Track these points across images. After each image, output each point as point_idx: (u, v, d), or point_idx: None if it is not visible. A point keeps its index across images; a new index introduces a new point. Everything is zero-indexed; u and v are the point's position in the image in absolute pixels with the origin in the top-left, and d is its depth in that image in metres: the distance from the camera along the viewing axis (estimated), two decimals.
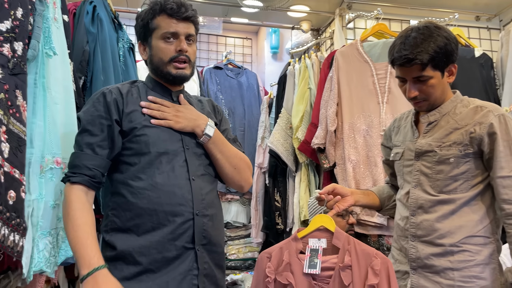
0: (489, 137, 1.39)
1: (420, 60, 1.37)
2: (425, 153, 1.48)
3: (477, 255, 1.40)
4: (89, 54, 2.20)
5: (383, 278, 1.33)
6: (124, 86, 1.42)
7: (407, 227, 1.50)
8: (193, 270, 1.32)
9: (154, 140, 1.34)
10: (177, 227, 1.30)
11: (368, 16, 2.75)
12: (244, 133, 3.63)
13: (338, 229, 1.43)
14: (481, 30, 3.17)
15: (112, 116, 1.33)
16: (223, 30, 4.24)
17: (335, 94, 2.41)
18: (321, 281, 1.39)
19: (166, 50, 1.37)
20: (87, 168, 1.28)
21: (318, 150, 2.45)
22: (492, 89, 2.57)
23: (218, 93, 3.68)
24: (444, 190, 1.44)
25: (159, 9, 1.37)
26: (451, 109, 1.48)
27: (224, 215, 3.57)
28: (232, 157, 1.45)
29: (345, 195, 1.56)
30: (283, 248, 1.43)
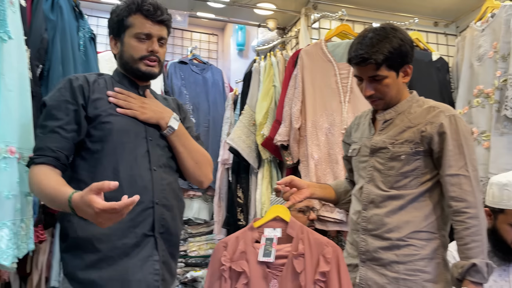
0: (439, 136, 1.45)
1: (374, 59, 1.42)
2: (379, 150, 1.53)
3: (421, 249, 1.46)
4: (47, 42, 2.13)
5: (333, 265, 1.39)
6: (91, 75, 1.44)
7: (359, 221, 1.55)
8: (153, 256, 1.35)
9: (118, 128, 1.36)
10: (137, 214, 1.32)
11: (333, 17, 2.80)
12: (208, 129, 3.60)
13: (292, 219, 1.48)
14: (439, 35, 3.30)
15: (78, 100, 1.34)
16: (189, 25, 4.20)
17: (299, 92, 2.45)
18: (275, 269, 1.44)
19: (138, 49, 1.41)
20: (50, 150, 1.28)
21: (281, 147, 2.47)
22: (447, 92, 2.69)
23: (182, 88, 3.64)
24: (395, 186, 1.49)
25: (135, 8, 1.40)
26: (407, 108, 1.53)
27: (186, 211, 3.53)
28: (194, 152, 1.48)
29: (302, 187, 1.60)
30: (239, 238, 1.47)
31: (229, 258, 1.43)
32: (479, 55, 2.46)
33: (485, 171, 2.28)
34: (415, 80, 2.57)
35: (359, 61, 1.45)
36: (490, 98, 2.34)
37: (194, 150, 1.48)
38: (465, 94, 2.49)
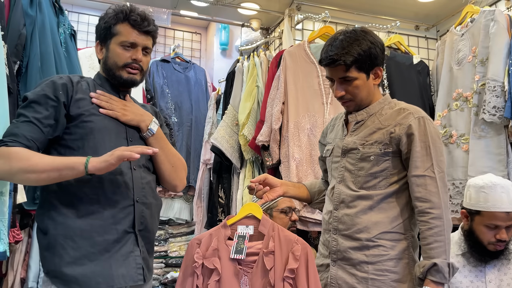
0: (407, 138, 1.47)
1: (343, 61, 1.45)
2: (350, 151, 1.55)
3: (390, 250, 1.48)
4: (25, 38, 2.08)
5: (302, 262, 1.41)
6: (75, 77, 1.48)
7: (331, 221, 1.56)
8: (134, 251, 1.39)
9: (99, 128, 1.39)
10: (118, 211, 1.37)
11: (316, 18, 2.81)
12: (191, 129, 3.58)
13: (264, 216, 1.50)
14: (420, 39, 3.35)
15: (60, 98, 1.36)
16: (172, 23, 4.16)
17: (282, 93, 2.45)
18: (246, 266, 1.46)
19: (122, 56, 1.45)
20: (25, 138, 1.29)
21: (262, 147, 2.47)
22: (427, 95, 2.73)
23: (164, 86, 3.61)
24: (364, 186, 1.51)
25: (123, 17, 1.45)
26: (378, 110, 1.55)
27: (167, 211, 3.51)
28: (171, 156, 1.53)
29: (275, 185, 1.62)
30: (213, 235, 1.50)
31: (201, 255, 1.45)
32: (458, 59, 2.50)
33: (465, 174, 2.32)
34: (396, 82, 2.62)
35: (329, 62, 1.47)
36: (469, 102, 2.39)
37: (171, 154, 1.53)
38: (445, 97, 2.53)
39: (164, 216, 3.50)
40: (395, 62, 2.68)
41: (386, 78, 2.61)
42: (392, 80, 2.61)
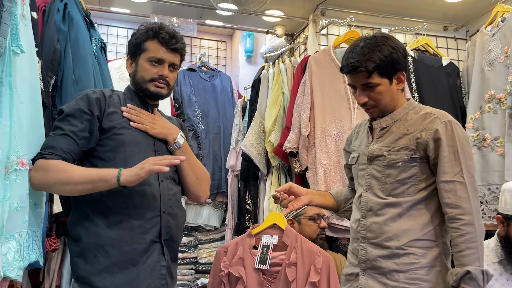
0: (435, 143, 1.44)
1: (365, 67, 1.43)
2: (376, 158, 1.53)
3: (422, 258, 1.44)
4: (60, 52, 2.16)
5: (324, 276, 1.41)
6: (107, 91, 1.55)
7: (359, 229, 1.54)
8: (160, 261, 1.43)
9: (130, 140, 1.46)
10: (146, 222, 1.41)
11: (341, 23, 2.79)
12: (217, 136, 3.61)
13: (288, 227, 1.50)
14: (449, 39, 3.28)
15: (94, 111, 1.43)
16: (198, 32, 4.23)
17: (308, 99, 2.44)
18: (270, 275, 1.47)
19: (149, 71, 1.51)
20: (62, 150, 1.36)
21: (290, 154, 2.47)
22: (458, 97, 2.66)
23: (191, 95, 3.66)
24: (392, 193, 1.48)
25: (153, 34, 1.51)
26: (403, 116, 1.53)
27: (196, 218, 3.55)
28: (196, 168, 1.58)
29: (300, 194, 1.62)
30: (238, 244, 1.52)
31: (227, 263, 1.47)
32: (490, 60, 2.43)
33: (501, 178, 2.24)
34: (425, 85, 2.57)
35: (350, 70, 1.46)
36: (502, 104, 2.31)
37: (196, 166, 1.59)
38: (476, 99, 2.46)
39: (193, 222, 3.54)
40: (423, 64, 2.63)
41: (414, 81, 2.56)
42: (420, 83, 2.56)
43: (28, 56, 1.50)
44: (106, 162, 1.43)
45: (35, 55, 1.59)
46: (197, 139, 3.53)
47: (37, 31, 1.82)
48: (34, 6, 1.85)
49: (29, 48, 1.52)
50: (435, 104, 2.41)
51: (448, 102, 2.55)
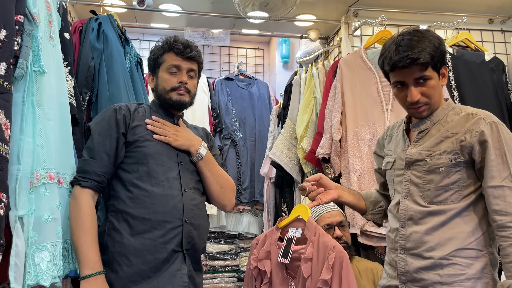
0: (480, 146, 1.35)
1: (423, 58, 1.35)
2: (415, 162, 1.44)
3: (468, 268, 1.34)
4: (94, 69, 2.26)
5: (336, 272, 1.33)
6: (132, 105, 1.63)
7: (397, 239, 1.45)
8: (182, 269, 1.46)
9: (152, 152, 1.51)
10: (168, 231, 1.45)
11: (374, 23, 2.70)
12: (255, 143, 3.63)
13: (310, 219, 1.44)
14: (495, 33, 3.07)
15: (120, 129, 1.51)
16: (236, 41, 4.28)
17: (339, 103, 2.38)
18: (293, 270, 1.42)
19: (169, 81, 1.58)
20: (96, 174, 1.45)
21: (322, 160, 2.41)
22: (503, 94, 2.48)
23: (229, 104, 3.70)
24: (435, 200, 1.39)
25: (168, 47, 1.59)
26: (443, 117, 1.44)
27: (236, 226, 3.57)
28: (219, 177, 1.62)
29: (330, 187, 1.57)
30: (267, 236, 1.49)
31: (257, 256, 1.45)
32: None
33: None
34: (465, 83, 2.42)
35: (408, 63, 1.35)
36: None
37: (219, 175, 1.62)
38: None
39: (233, 230, 3.56)
40: (463, 61, 2.48)
41: (453, 79, 2.42)
42: (460, 81, 2.41)
43: (56, 75, 1.58)
44: (131, 174, 1.50)
45: (63, 73, 1.67)
46: (235, 147, 3.56)
47: (69, 50, 1.92)
48: (67, 27, 1.95)
49: (57, 68, 1.60)
50: (477, 102, 2.27)
51: (492, 100, 2.38)
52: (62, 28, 1.87)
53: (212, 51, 4.35)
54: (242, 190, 3.49)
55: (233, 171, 3.50)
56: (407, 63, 1.35)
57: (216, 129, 3.54)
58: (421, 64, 1.35)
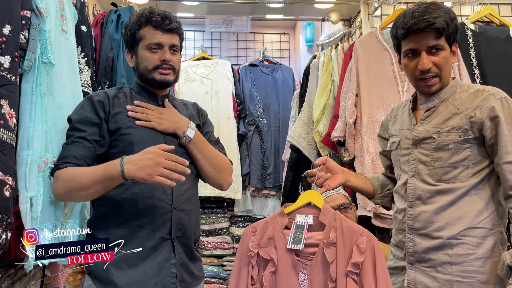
0: (491, 121, 1.32)
1: (439, 23, 1.34)
2: (422, 140, 1.43)
3: (477, 248, 1.33)
4: (113, 59, 2.37)
5: (368, 256, 1.27)
6: (111, 90, 1.53)
7: (405, 220, 1.44)
8: (170, 259, 1.40)
9: (137, 139, 1.43)
10: (157, 218, 1.39)
11: (392, 2, 2.63)
12: (279, 129, 3.64)
13: (326, 205, 1.38)
14: None
15: (99, 114, 1.43)
16: (260, 27, 4.29)
17: (354, 85, 2.36)
18: (305, 257, 1.35)
19: (151, 59, 1.48)
20: (74, 157, 1.37)
21: (337, 143, 2.40)
22: None
23: (253, 90, 3.73)
24: (443, 178, 1.37)
25: (145, 21, 1.47)
26: (450, 95, 1.42)
27: (262, 210, 3.62)
28: (212, 158, 1.53)
29: (336, 171, 1.52)
30: (269, 223, 1.41)
31: (257, 244, 1.37)
32: None
33: None
34: (487, 60, 2.32)
35: (424, 26, 1.33)
36: None
37: (211, 156, 1.54)
38: None
39: (259, 214, 3.62)
40: (485, 37, 2.37)
41: (474, 57, 2.32)
42: (482, 58, 2.31)
43: (68, 66, 1.68)
44: None
45: (77, 64, 1.77)
46: (260, 133, 3.60)
47: (86, 42, 2.02)
48: (84, 20, 2.04)
49: (70, 59, 1.70)
50: (500, 80, 2.18)
51: None
52: (79, 21, 1.97)
53: (238, 38, 4.39)
54: (266, 176, 3.54)
55: (257, 156, 3.54)
56: (423, 26, 1.34)
57: (240, 116, 3.58)
58: (436, 30, 1.34)
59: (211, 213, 3.50)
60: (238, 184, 3.34)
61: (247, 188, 3.52)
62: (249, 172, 3.50)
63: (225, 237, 3.50)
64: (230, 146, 3.35)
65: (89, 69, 2.00)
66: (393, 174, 1.61)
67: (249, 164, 3.52)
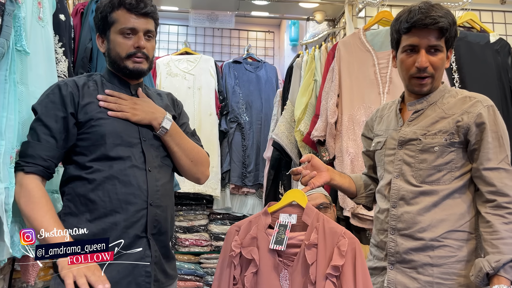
0: (477, 127, 1.35)
1: (443, 23, 1.35)
2: (408, 142, 1.44)
3: (458, 251, 1.35)
4: (92, 50, 2.31)
5: (349, 259, 1.26)
6: (81, 78, 1.44)
7: (387, 220, 1.45)
8: (145, 258, 1.35)
9: (109, 131, 1.35)
10: (131, 215, 1.33)
11: (376, 4, 2.65)
12: (261, 127, 3.63)
13: (309, 205, 1.36)
14: (507, 14, 2.96)
15: (67, 109, 1.35)
16: (246, 24, 4.27)
17: (336, 85, 2.36)
18: (287, 258, 1.33)
19: (124, 45, 1.39)
20: (42, 158, 1.30)
21: (318, 142, 2.41)
22: (507, 77, 2.39)
23: (236, 87, 3.71)
24: (427, 180, 1.39)
25: (118, 3, 1.38)
26: (439, 99, 1.45)
27: (241, 208, 3.61)
28: (189, 150, 1.48)
29: (321, 169, 1.51)
30: (252, 222, 1.38)
31: (239, 243, 1.35)
32: None
33: None
34: (467, 65, 2.36)
35: (429, 22, 1.34)
36: None
37: (188, 148, 1.48)
38: None
39: (238, 212, 3.60)
40: (465, 42, 2.40)
41: (454, 61, 2.35)
42: (461, 63, 2.35)
43: (44, 56, 1.63)
44: (86, 157, 1.35)
45: (53, 54, 1.72)
46: (241, 131, 3.58)
47: (65, 31, 1.97)
48: (63, 9, 1.99)
49: (46, 48, 1.65)
50: (479, 85, 2.22)
51: (494, 82, 2.31)
52: (57, 10, 1.92)
53: (222, 34, 4.36)
54: (247, 173, 3.52)
55: (238, 154, 3.53)
56: (429, 23, 1.35)
57: (222, 112, 3.56)
58: (439, 30, 1.36)
59: (189, 210, 3.47)
60: (218, 181, 3.32)
61: (227, 186, 3.51)
62: (230, 170, 3.49)
63: (203, 234, 3.48)
64: (211, 143, 3.33)
65: (66, 59, 1.95)
66: (376, 174, 1.62)
67: (230, 161, 3.50)
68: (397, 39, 1.45)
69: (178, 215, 3.41)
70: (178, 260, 3.32)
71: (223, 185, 3.43)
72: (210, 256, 3.48)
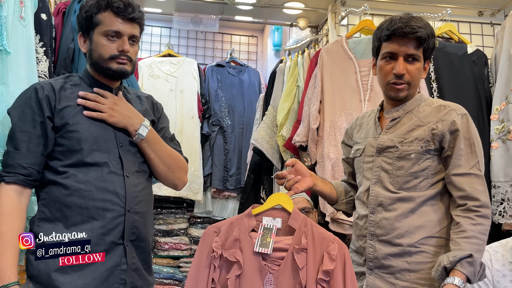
0: (451, 134, 1.39)
1: (422, 33, 1.40)
2: (386, 149, 1.47)
3: (435, 257, 1.37)
4: (74, 51, 2.28)
5: (338, 264, 1.27)
6: (58, 81, 1.40)
7: (366, 226, 1.47)
8: (121, 265, 1.33)
9: (86, 137, 1.33)
10: (108, 222, 1.31)
11: (357, 12, 2.69)
12: (243, 131, 3.64)
13: (296, 209, 1.36)
14: (484, 25, 3.05)
15: (44, 112, 1.31)
16: (229, 28, 4.27)
17: (318, 92, 2.39)
18: (272, 262, 1.32)
19: (107, 48, 1.36)
20: (22, 167, 1.27)
21: (300, 148, 2.43)
22: (483, 87, 2.47)
23: (218, 90, 3.71)
24: (404, 186, 1.42)
25: (105, 4, 1.35)
26: (415, 107, 1.48)
27: (222, 212, 3.60)
28: (166, 157, 1.46)
29: (305, 174, 1.52)
30: (234, 224, 1.35)
31: (220, 244, 1.32)
32: None
33: None
34: (445, 75, 2.42)
35: (409, 31, 1.39)
36: None
37: (165, 155, 1.46)
38: (503, 88, 2.27)
39: (219, 216, 3.59)
40: (444, 52, 2.47)
41: (433, 71, 2.41)
42: (440, 73, 2.41)
43: (25, 55, 1.61)
44: (62, 162, 1.32)
45: (34, 54, 1.69)
46: (223, 134, 3.58)
47: (46, 31, 1.94)
48: (45, 8, 1.97)
49: (27, 48, 1.63)
50: (456, 95, 2.28)
51: (471, 92, 2.38)
52: (39, 9, 1.89)
53: (205, 38, 4.35)
54: (228, 177, 3.52)
55: (220, 158, 3.53)
56: (408, 31, 1.39)
57: (204, 115, 3.56)
58: (418, 40, 1.40)
59: (169, 213, 3.44)
60: (200, 185, 3.30)
61: (208, 189, 3.50)
62: (211, 173, 3.48)
63: (183, 238, 3.46)
64: (193, 146, 3.32)
65: (47, 59, 1.93)
66: (355, 181, 1.64)
67: (212, 165, 3.49)
68: (378, 46, 1.49)
69: (158, 219, 3.38)
70: (157, 264, 3.29)
71: (204, 188, 3.42)
72: (190, 260, 3.45)
